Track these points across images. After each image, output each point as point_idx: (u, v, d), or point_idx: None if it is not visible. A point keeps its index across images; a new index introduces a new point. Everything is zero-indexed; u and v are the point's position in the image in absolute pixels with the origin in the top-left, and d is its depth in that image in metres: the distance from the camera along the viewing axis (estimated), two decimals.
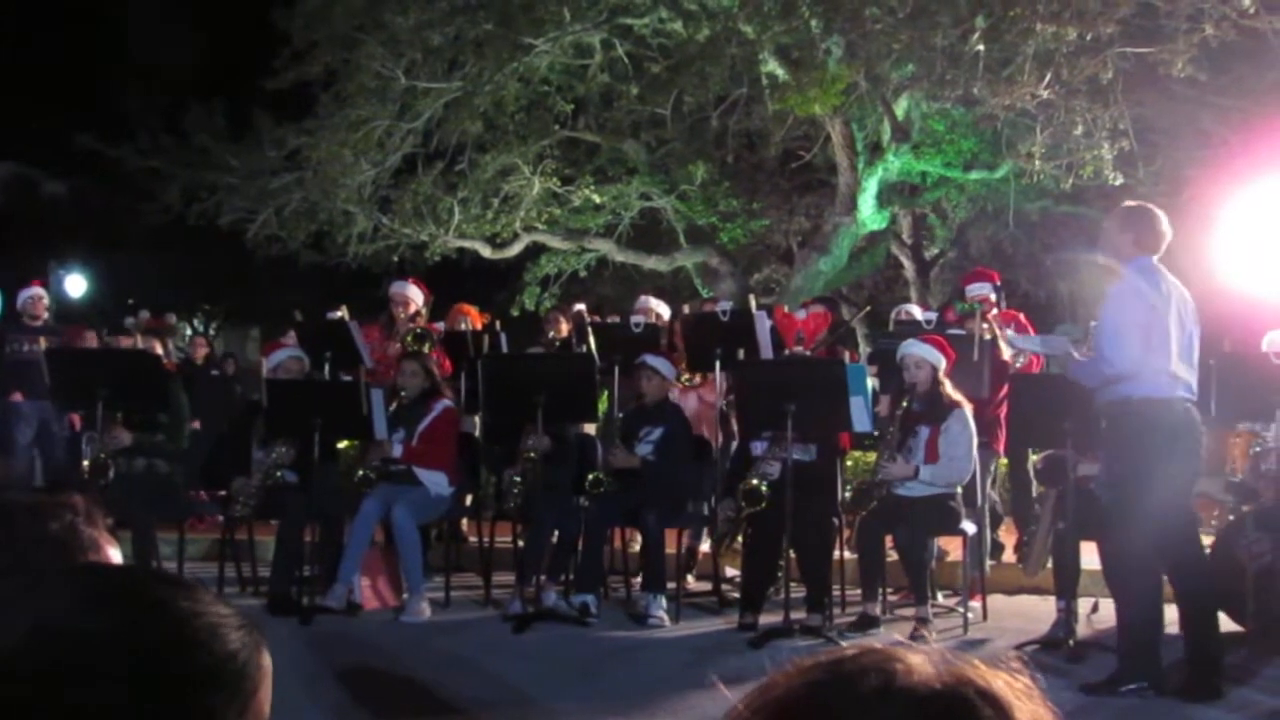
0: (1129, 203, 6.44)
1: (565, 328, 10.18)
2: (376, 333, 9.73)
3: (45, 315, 10.96)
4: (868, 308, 10.88)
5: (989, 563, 8.31)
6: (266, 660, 1.15)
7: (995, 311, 8.61)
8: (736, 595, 7.95)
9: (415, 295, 9.79)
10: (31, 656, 1.05)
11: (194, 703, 1.07)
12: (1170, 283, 6.03)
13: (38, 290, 10.96)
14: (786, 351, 8.42)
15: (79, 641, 1.06)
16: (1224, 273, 12.04)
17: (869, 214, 14.26)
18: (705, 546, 8.96)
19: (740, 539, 7.81)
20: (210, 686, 1.08)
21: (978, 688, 0.99)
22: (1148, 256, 6.03)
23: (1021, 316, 9.03)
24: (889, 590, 8.07)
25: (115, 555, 1.76)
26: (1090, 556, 7.27)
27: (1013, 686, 1.01)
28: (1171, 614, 6.08)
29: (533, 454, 7.92)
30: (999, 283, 9.09)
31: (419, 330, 9.42)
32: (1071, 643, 6.70)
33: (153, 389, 8.27)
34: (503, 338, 9.83)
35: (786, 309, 9.75)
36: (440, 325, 10.05)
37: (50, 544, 1.68)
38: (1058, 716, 1.03)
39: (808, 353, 8.32)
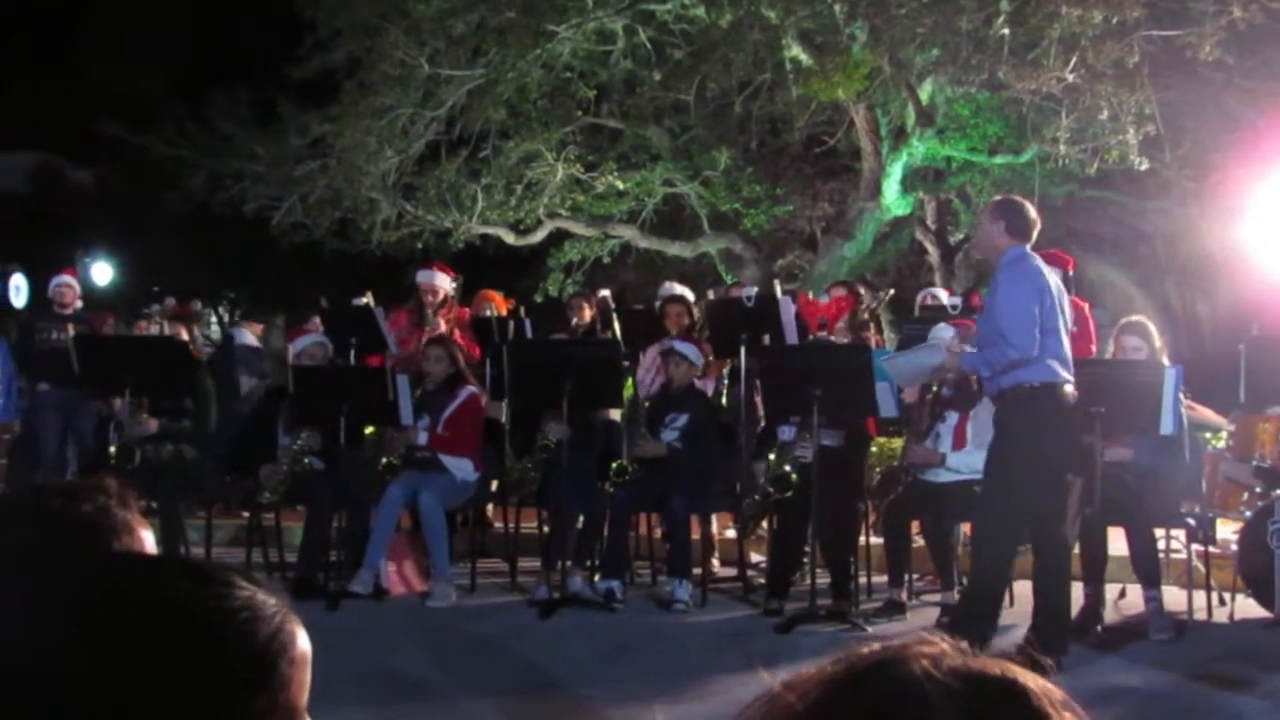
0: (998, 196, 6.57)
1: (589, 314, 10.17)
2: (404, 318, 9.72)
3: (77, 303, 10.88)
4: (891, 290, 10.79)
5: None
6: (300, 649, 1.13)
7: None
8: (762, 581, 7.94)
9: (443, 282, 9.75)
10: (51, 656, 1.04)
11: (217, 702, 1.06)
12: (1046, 270, 6.23)
13: (67, 278, 10.87)
14: (811, 337, 8.38)
15: (100, 642, 1.05)
16: (1252, 257, 11.97)
17: (893, 199, 14.20)
18: (730, 533, 8.96)
19: (766, 525, 7.81)
20: (234, 686, 1.07)
21: (1021, 675, 0.97)
22: (1022, 245, 6.21)
23: (1086, 308, 8.43)
24: (915, 576, 8.05)
25: (148, 537, 1.76)
26: (1118, 543, 7.24)
27: (1041, 683, 0.99)
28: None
29: (548, 441, 7.91)
30: (1070, 271, 8.04)
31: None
32: (1099, 629, 6.67)
33: (179, 376, 8.31)
34: (527, 324, 9.82)
35: (811, 295, 9.66)
36: (466, 310, 10.05)
37: (83, 526, 1.68)
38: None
39: (831, 337, 8.27)
